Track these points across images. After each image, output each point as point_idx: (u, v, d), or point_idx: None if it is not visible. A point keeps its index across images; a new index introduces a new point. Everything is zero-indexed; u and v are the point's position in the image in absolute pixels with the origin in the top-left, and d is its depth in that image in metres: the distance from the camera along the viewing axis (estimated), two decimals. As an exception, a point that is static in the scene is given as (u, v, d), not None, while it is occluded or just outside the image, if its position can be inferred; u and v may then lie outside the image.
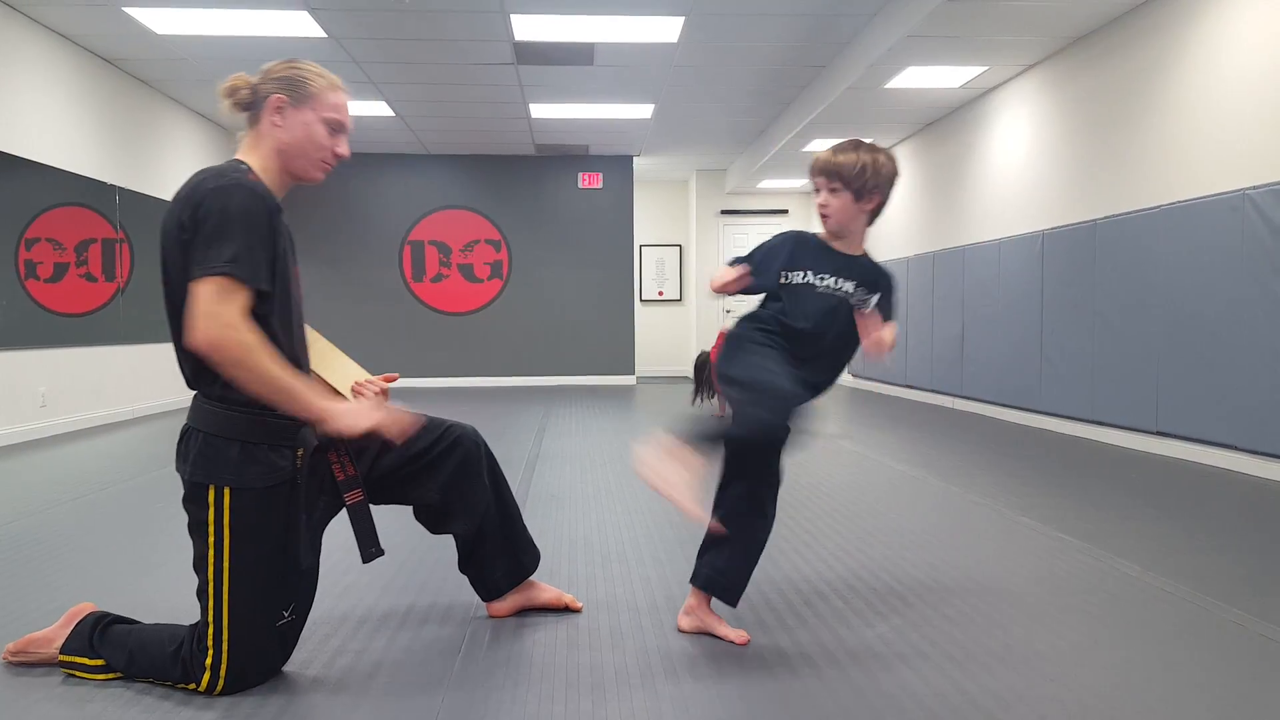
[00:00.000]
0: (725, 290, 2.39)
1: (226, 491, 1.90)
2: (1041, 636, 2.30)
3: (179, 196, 1.92)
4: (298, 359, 2.03)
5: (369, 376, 2.22)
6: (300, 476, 1.97)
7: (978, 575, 2.85)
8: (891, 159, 2.33)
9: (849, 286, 2.31)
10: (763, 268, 2.37)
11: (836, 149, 2.33)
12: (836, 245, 2.37)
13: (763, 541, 2.32)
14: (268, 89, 2.02)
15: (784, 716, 1.85)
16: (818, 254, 2.35)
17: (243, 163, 2.01)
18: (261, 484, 1.92)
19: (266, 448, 1.93)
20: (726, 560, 2.28)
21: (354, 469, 2.09)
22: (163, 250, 1.94)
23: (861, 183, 2.27)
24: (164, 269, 1.95)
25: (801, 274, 2.32)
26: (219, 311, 1.83)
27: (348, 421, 1.95)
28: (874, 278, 2.36)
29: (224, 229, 1.85)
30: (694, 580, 2.32)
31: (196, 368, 1.94)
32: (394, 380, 2.29)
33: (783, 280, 2.32)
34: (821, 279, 2.32)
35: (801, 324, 2.29)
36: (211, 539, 1.91)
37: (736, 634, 2.28)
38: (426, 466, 2.23)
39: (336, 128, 2.07)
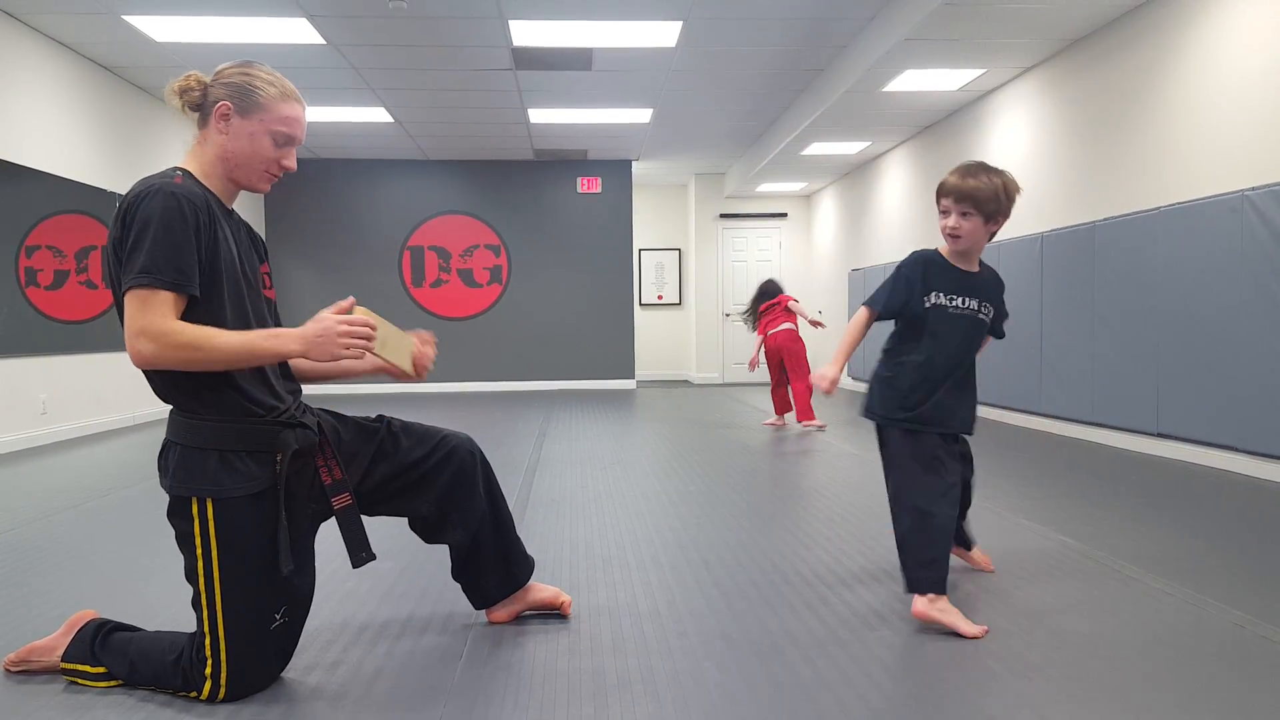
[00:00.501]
0: (849, 351, 2.50)
1: (209, 503, 1.90)
2: (1042, 638, 2.30)
3: (116, 210, 1.92)
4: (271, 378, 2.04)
5: (420, 348, 2.18)
6: (281, 482, 1.95)
7: (977, 576, 2.85)
8: (1015, 181, 2.43)
9: (974, 304, 2.45)
10: (893, 299, 2.46)
11: (966, 173, 2.41)
12: (959, 264, 2.48)
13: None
14: (217, 94, 1.97)
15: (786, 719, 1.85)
16: (946, 274, 2.46)
17: (179, 168, 1.99)
18: (242, 492, 1.91)
19: (245, 455, 1.92)
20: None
21: (341, 472, 2.07)
22: (109, 259, 1.93)
23: (995, 207, 2.38)
24: (111, 278, 1.94)
25: (935, 296, 2.43)
26: (145, 324, 1.82)
27: (299, 343, 1.90)
28: (993, 291, 2.52)
29: (141, 238, 1.84)
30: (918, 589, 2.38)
31: (163, 382, 1.93)
32: (431, 340, 2.25)
33: (926, 304, 2.43)
34: (952, 300, 2.44)
35: (938, 355, 2.42)
36: (199, 551, 1.91)
37: (975, 628, 2.32)
38: (421, 478, 2.21)
39: (284, 141, 2.01)
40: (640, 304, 13.40)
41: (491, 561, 2.34)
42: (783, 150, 9.64)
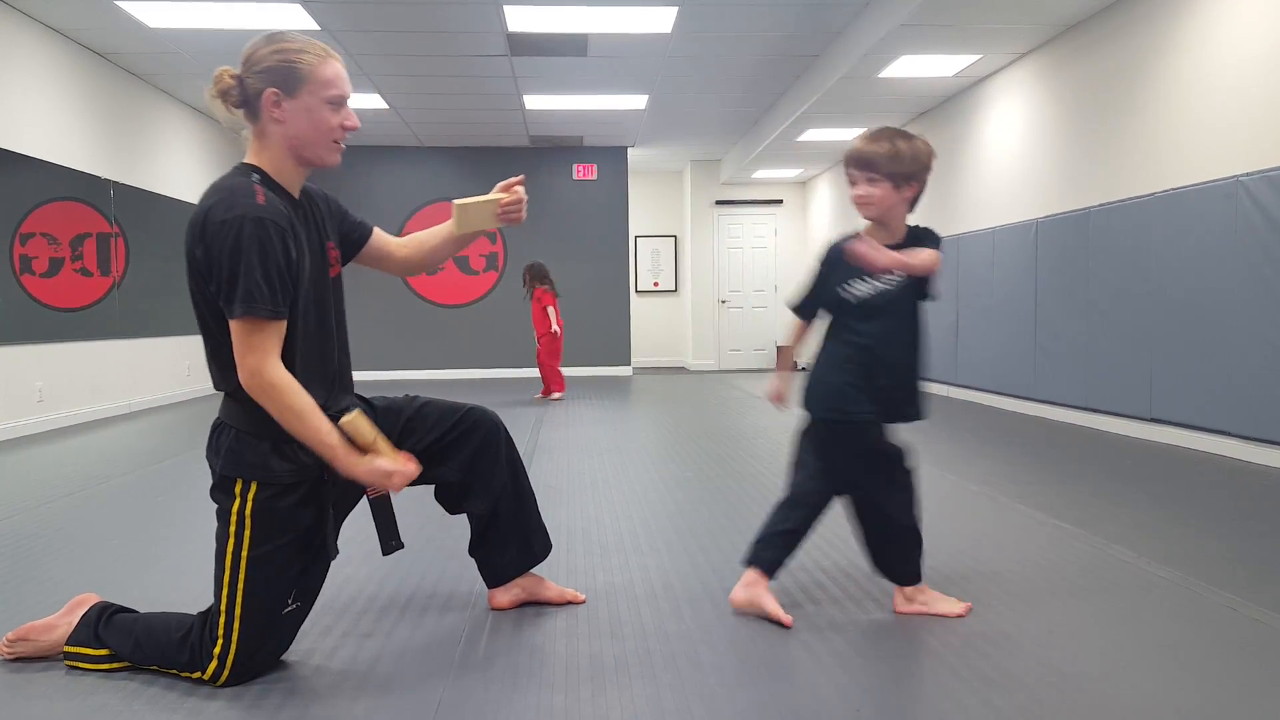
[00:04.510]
0: (794, 348, 2.48)
1: (254, 485, 1.94)
2: (1036, 621, 2.32)
3: (194, 223, 1.90)
4: (333, 364, 2.09)
5: (504, 201, 2.22)
6: (327, 473, 1.99)
7: (973, 561, 2.87)
8: (926, 144, 2.27)
9: (895, 275, 2.25)
10: (809, 300, 2.40)
11: (869, 138, 2.27)
12: (878, 236, 2.30)
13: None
14: (256, 85, 1.93)
15: (780, 702, 1.87)
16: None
17: (254, 170, 1.98)
18: (289, 479, 1.95)
19: (297, 445, 1.96)
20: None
21: None
22: (187, 268, 1.94)
23: (898, 170, 2.22)
24: (190, 284, 1.96)
25: (850, 284, 2.28)
26: (246, 359, 1.88)
27: (354, 473, 1.95)
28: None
29: (236, 267, 1.85)
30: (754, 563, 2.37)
31: (227, 373, 1.96)
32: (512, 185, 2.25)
33: (841, 294, 2.30)
34: (865, 280, 2.26)
35: (866, 340, 2.27)
36: (233, 529, 1.94)
37: (785, 616, 2.30)
38: (448, 446, 2.27)
39: (338, 102, 1.98)
40: (636, 290, 13.39)
41: (509, 535, 2.36)
42: (778, 137, 9.62)
